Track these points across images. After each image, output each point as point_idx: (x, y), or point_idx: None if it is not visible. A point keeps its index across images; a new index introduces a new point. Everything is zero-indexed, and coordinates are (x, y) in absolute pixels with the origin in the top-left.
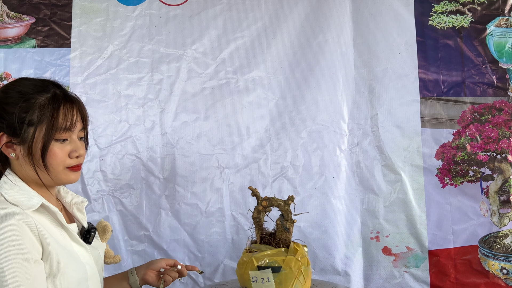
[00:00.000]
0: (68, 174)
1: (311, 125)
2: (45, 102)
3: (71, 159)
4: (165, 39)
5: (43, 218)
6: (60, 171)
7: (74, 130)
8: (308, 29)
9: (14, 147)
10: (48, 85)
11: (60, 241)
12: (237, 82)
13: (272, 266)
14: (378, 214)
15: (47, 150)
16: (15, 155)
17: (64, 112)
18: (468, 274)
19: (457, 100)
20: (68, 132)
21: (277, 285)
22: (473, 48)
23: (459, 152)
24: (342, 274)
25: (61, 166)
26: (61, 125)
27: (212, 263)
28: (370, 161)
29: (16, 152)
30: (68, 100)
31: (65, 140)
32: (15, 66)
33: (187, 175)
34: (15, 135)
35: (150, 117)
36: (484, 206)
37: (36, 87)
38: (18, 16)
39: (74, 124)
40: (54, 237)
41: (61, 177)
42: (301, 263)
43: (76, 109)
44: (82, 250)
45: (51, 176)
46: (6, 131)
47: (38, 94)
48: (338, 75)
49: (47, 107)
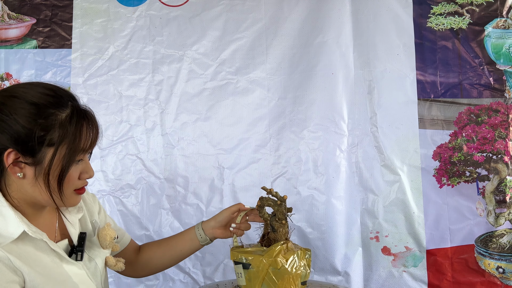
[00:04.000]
0: (74, 198)
1: (311, 125)
2: (66, 120)
3: (80, 180)
4: (166, 40)
5: (26, 246)
6: (69, 194)
7: (89, 150)
8: (308, 30)
9: (22, 166)
10: (63, 97)
11: (46, 267)
12: (237, 82)
13: (242, 263)
14: (378, 214)
15: (66, 174)
16: (22, 175)
17: (86, 131)
18: (465, 273)
19: (454, 102)
20: (85, 153)
21: (247, 281)
22: (470, 49)
23: (456, 153)
24: (342, 274)
25: (71, 189)
26: (83, 146)
27: (213, 263)
28: (370, 161)
29: (24, 172)
30: (88, 117)
31: (80, 160)
32: (16, 66)
33: (187, 175)
34: (27, 153)
35: (151, 118)
36: (480, 206)
37: (51, 98)
38: (19, 17)
39: (94, 144)
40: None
41: (69, 201)
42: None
43: (95, 127)
44: (74, 268)
45: (63, 200)
46: (15, 148)
47: (57, 110)
48: (338, 75)
49: (69, 126)
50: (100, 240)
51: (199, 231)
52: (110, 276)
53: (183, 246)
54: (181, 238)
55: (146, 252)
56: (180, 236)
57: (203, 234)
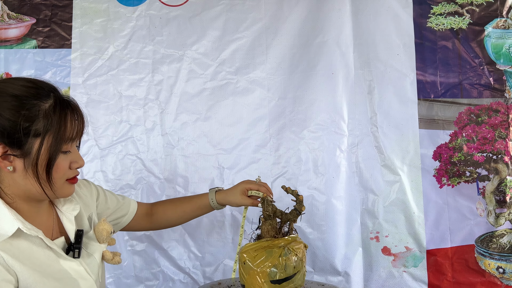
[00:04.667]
0: (68, 188)
1: (311, 125)
2: (50, 110)
3: (71, 170)
4: (166, 40)
5: (22, 242)
6: (61, 184)
7: (76, 139)
8: (308, 30)
9: (11, 159)
10: (44, 88)
11: (43, 264)
12: (237, 82)
13: None
14: (378, 214)
15: (54, 163)
16: (12, 168)
17: (71, 120)
18: (465, 273)
19: (454, 102)
20: (71, 142)
21: None
22: (470, 49)
23: (456, 153)
24: (342, 274)
25: (62, 179)
26: (69, 135)
27: (213, 263)
28: (370, 162)
29: (14, 165)
30: (72, 107)
31: (68, 152)
32: (16, 66)
33: (187, 176)
34: (14, 146)
35: (151, 118)
36: (480, 206)
37: (32, 90)
38: (19, 17)
39: (81, 133)
40: (33, 263)
41: (62, 191)
42: (239, 258)
43: (80, 116)
44: (73, 265)
45: (53, 190)
46: (3, 141)
47: (39, 100)
48: (338, 75)
49: (54, 116)
50: (97, 235)
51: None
52: (110, 276)
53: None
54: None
55: (161, 212)
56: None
57: (215, 201)
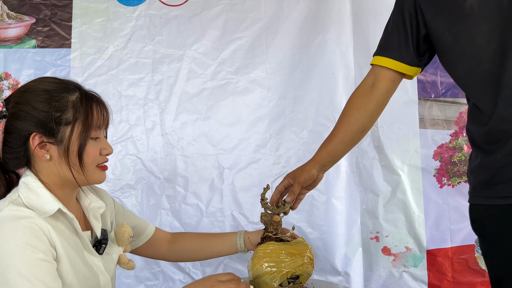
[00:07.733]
0: (99, 173)
1: (311, 125)
2: (78, 101)
3: (101, 156)
4: (165, 39)
5: (59, 224)
6: (93, 170)
7: (103, 128)
8: (308, 30)
9: (48, 147)
10: (70, 83)
11: (73, 248)
12: (237, 82)
13: None
14: (378, 214)
15: (84, 149)
16: (49, 156)
17: (97, 110)
18: (465, 273)
19: (455, 101)
20: (99, 130)
21: None
22: None
23: (457, 153)
24: (342, 274)
25: (94, 165)
26: (96, 123)
27: (213, 263)
28: (370, 162)
29: (50, 153)
30: (97, 98)
31: (97, 138)
32: (15, 66)
33: (187, 175)
34: (49, 135)
35: (151, 118)
36: None
37: (59, 85)
38: (18, 17)
39: (107, 122)
40: (67, 244)
41: (94, 176)
42: None
43: (104, 107)
44: (94, 259)
45: (85, 176)
46: (38, 131)
47: (67, 93)
48: (338, 75)
49: (81, 106)
50: (117, 237)
51: (240, 240)
52: None
53: (222, 249)
54: (221, 240)
55: (182, 242)
56: (221, 237)
57: (243, 244)
